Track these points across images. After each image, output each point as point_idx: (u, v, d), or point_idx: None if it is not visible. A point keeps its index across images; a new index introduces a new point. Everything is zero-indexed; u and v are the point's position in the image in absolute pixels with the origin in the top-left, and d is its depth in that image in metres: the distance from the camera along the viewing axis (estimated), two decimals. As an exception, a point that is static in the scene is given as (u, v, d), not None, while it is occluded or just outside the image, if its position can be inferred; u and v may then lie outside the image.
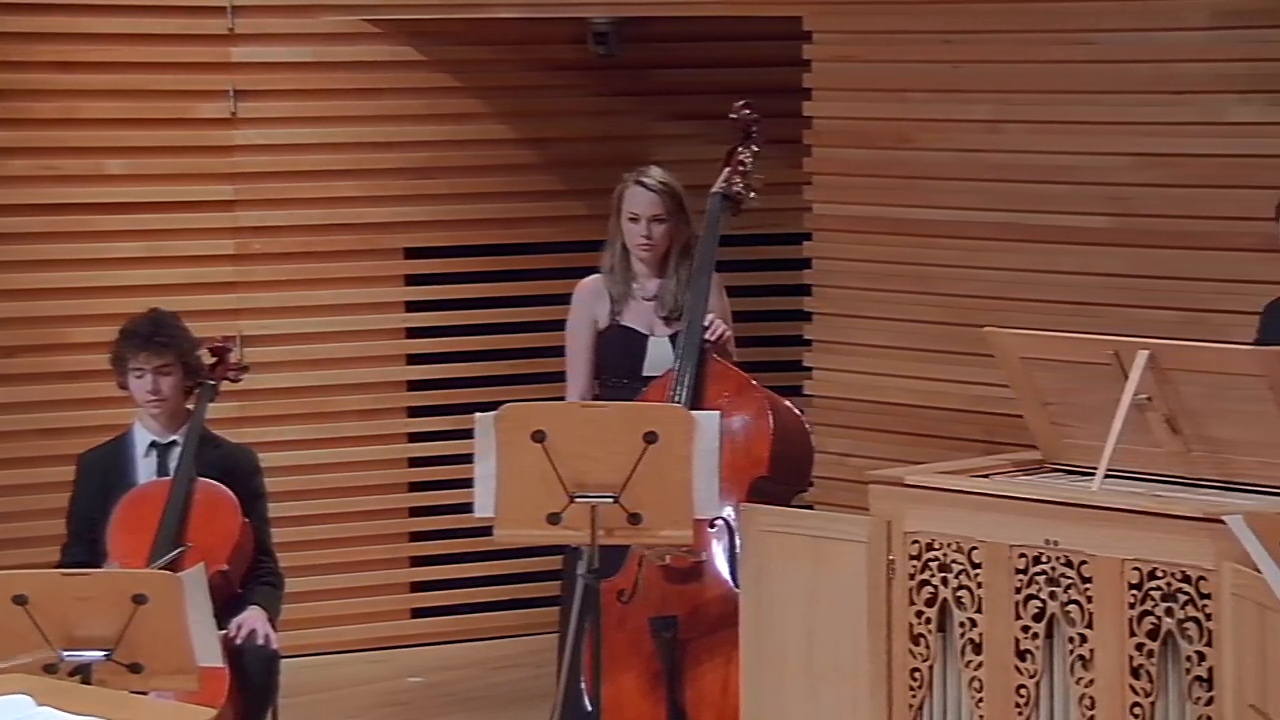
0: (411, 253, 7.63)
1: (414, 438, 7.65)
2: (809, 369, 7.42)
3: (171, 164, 7.34)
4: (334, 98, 7.50)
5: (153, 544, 5.54)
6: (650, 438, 5.05)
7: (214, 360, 5.82)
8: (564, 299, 6.03)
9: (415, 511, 7.66)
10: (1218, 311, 6.35)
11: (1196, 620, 4.70)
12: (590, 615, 5.28)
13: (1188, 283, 6.52)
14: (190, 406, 5.75)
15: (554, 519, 5.09)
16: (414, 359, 7.66)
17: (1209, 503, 4.83)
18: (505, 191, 7.69)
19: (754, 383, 5.72)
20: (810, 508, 5.99)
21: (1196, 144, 6.51)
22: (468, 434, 5.19)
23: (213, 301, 7.30)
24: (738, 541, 5.48)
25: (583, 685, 5.51)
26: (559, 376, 6.04)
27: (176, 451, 5.70)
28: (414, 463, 7.65)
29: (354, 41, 7.50)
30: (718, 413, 5.18)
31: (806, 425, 5.85)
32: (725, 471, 5.24)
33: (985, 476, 5.20)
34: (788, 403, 5.80)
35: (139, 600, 4.61)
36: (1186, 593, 4.72)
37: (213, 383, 5.78)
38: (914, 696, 5.12)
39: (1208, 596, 4.68)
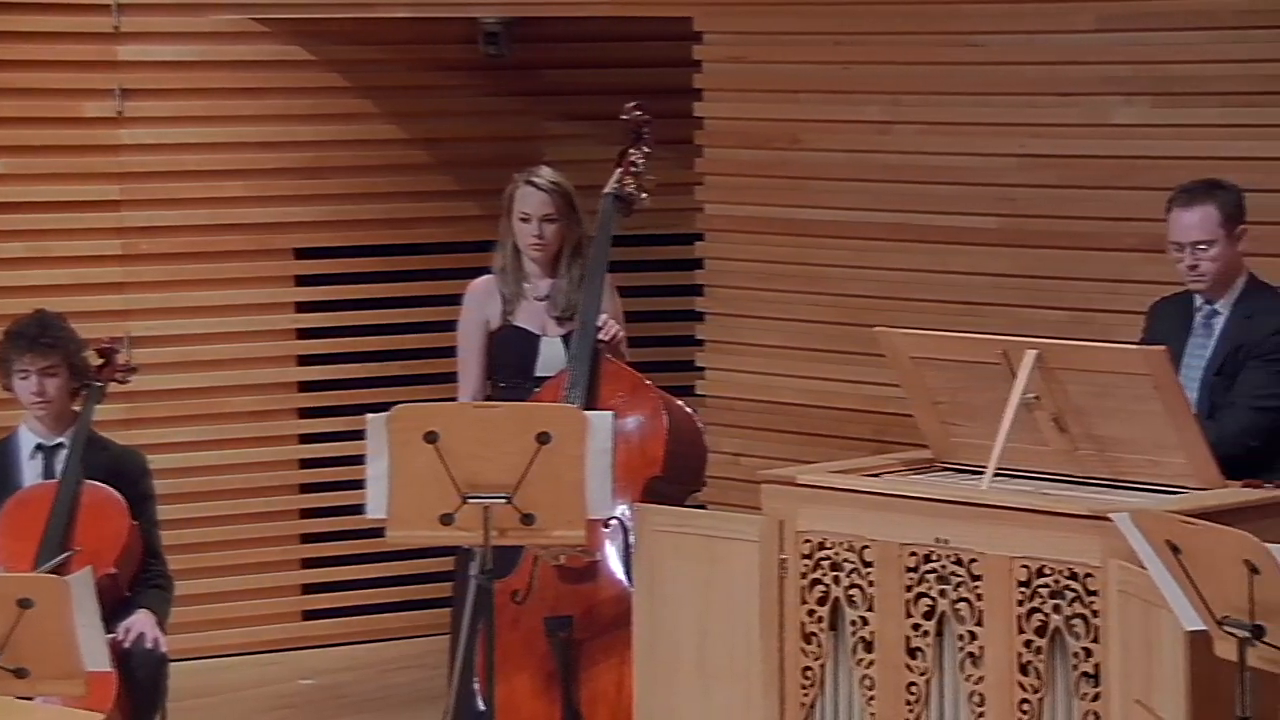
0: (301, 253, 7.59)
1: (305, 439, 7.61)
2: (701, 369, 7.44)
3: (57, 163, 7.25)
4: (222, 97, 7.44)
5: (39, 548, 5.48)
6: (543, 438, 5.04)
7: (101, 362, 5.76)
8: (455, 299, 6.01)
9: (307, 513, 7.61)
10: (1104, 311, 6.42)
11: (1084, 617, 4.75)
12: (483, 616, 5.27)
13: (1074, 283, 6.58)
14: (77, 408, 5.69)
15: (447, 520, 5.07)
16: (305, 360, 7.61)
17: (1096, 501, 4.89)
18: (396, 192, 7.66)
19: (648, 383, 5.73)
20: (703, 507, 6.01)
21: (1082, 145, 6.57)
22: (359, 435, 5.16)
23: (100, 302, 7.22)
24: (632, 541, 5.48)
25: (476, 686, 5.50)
26: (451, 377, 6.02)
27: (63, 454, 5.63)
28: (305, 464, 7.60)
29: (241, 40, 7.44)
30: (611, 413, 5.18)
31: (700, 425, 5.87)
32: (619, 471, 5.25)
33: (876, 476, 5.23)
34: (681, 403, 5.81)
35: (24, 604, 4.55)
36: (1074, 590, 4.77)
37: (100, 384, 5.73)
38: (806, 695, 5.14)
39: (1095, 593, 4.73)
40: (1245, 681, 4.17)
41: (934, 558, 4.96)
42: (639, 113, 5.95)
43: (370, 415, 5.13)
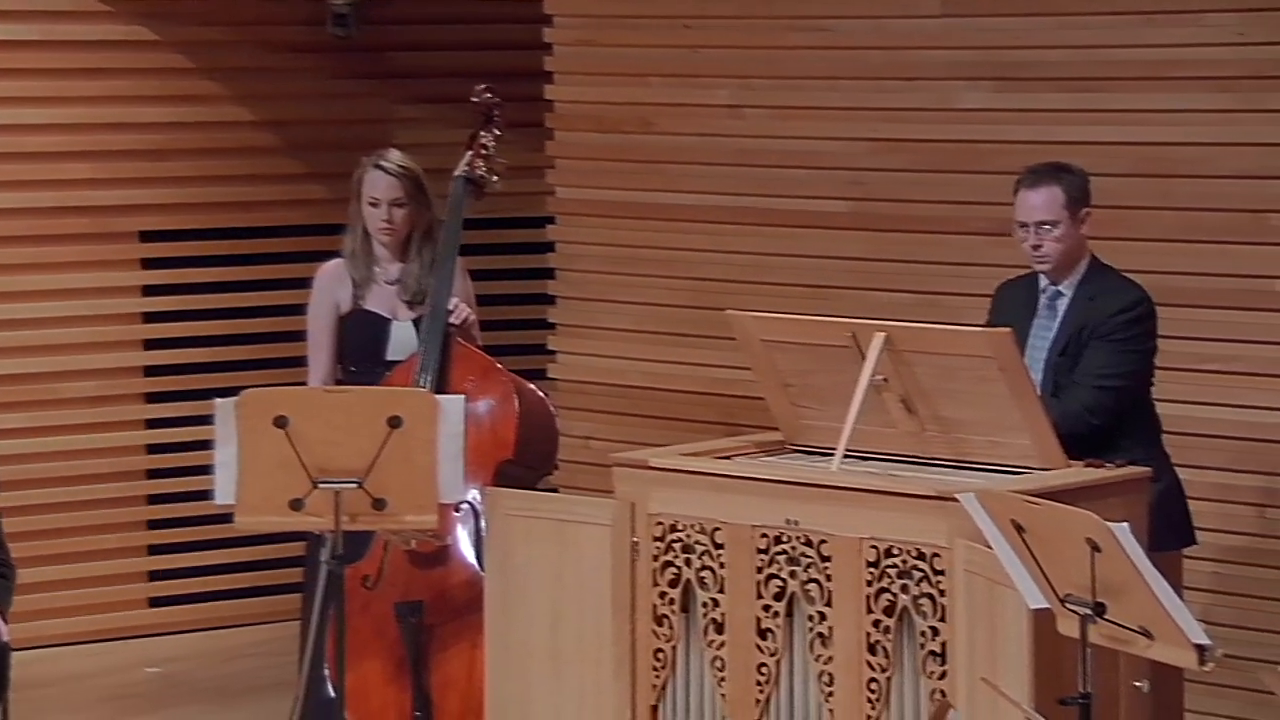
0: (147, 236, 7.50)
1: (152, 424, 7.52)
2: (553, 352, 7.44)
3: (-108, 145, 7.13)
4: (64, 78, 7.32)
5: (-123, 537, 5.38)
6: (394, 422, 5.02)
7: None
8: (305, 283, 5.97)
9: (154, 499, 7.53)
10: (952, 294, 6.49)
11: (931, 596, 4.81)
12: (334, 602, 5.24)
13: (922, 266, 6.65)
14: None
15: (296, 505, 5.04)
16: (151, 344, 7.53)
17: (942, 481, 4.95)
18: (243, 174, 7.59)
19: (499, 366, 5.72)
20: (555, 491, 6.02)
21: (929, 130, 6.64)
22: (207, 420, 5.11)
23: (-62, 287, 7.11)
24: (483, 525, 5.48)
25: (326, 672, 5.47)
26: (301, 361, 5.98)
27: (-98, 441, 5.53)
28: (152, 449, 7.52)
29: (84, 20, 7.33)
30: (463, 397, 5.17)
31: (551, 409, 5.87)
32: (471, 455, 5.24)
33: (728, 458, 5.26)
34: (533, 386, 5.81)
35: None
36: (921, 570, 4.82)
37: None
38: (657, 677, 5.17)
39: (941, 573, 4.79)
40: (1087, 658, 4.25)
41: (784, 539, 5.00)
42: (489, 95, 5.93)
43: (218, 400, 5.09)
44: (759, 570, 5.03)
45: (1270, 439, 5.94)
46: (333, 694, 5.40)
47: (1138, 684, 4.78)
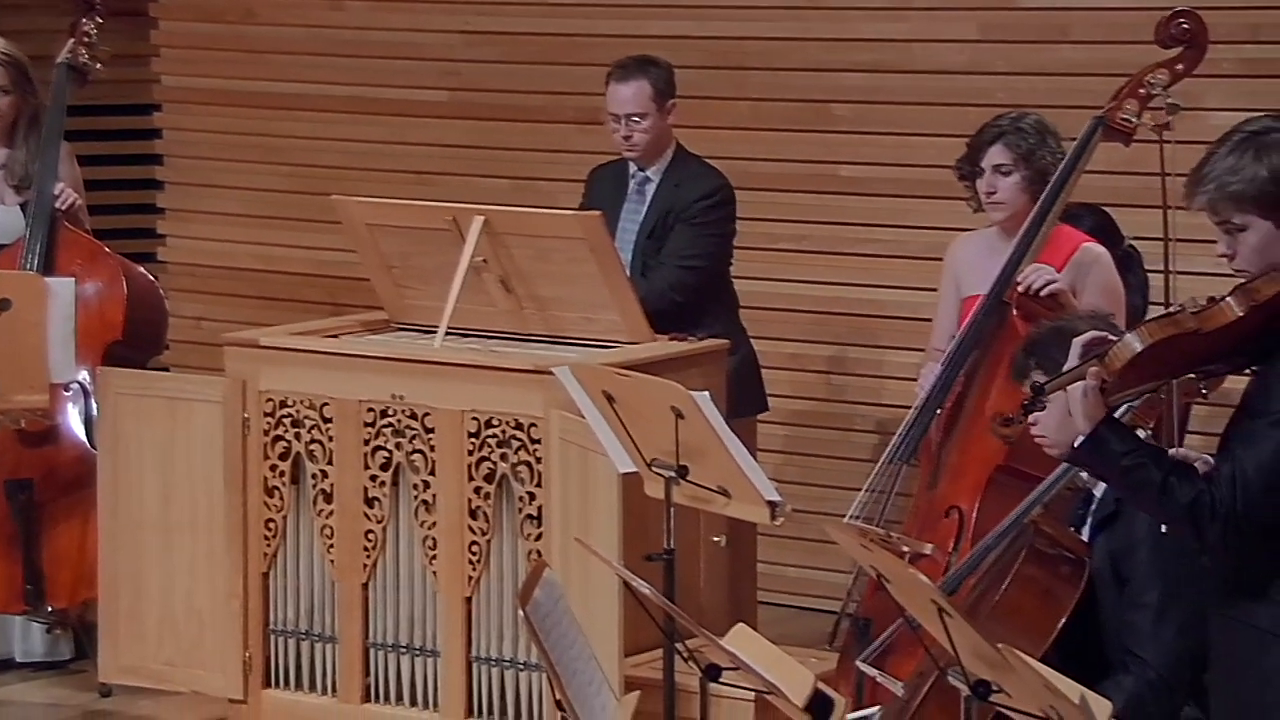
0: None
1: None
2: (162, 236, 7.50)
3: None
4: None
5: None
6: (2, 305, 5.07)
7: None
8: (-96, 168, 5.91)
9: None
10: (546, 180, 6.75)
11: (528, 464, 5.08)
12: (-60, 483, 5.27)
13: (518, 153, 6.89)
14: None
15: (-97, 389, 5.05)
16: None
17: (539, 356, 5.21)
18: None
19: (106, 250, 5.80)
20: (166, 370, 6.11)
21: (522, 22, 6.86)
22: None
23: None
24: (94, 405, 5.57)
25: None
26: (-98, 247, 5.94)
27: None
28: None
29: None
30: (73, 279, 5.24)
31: (159, 291, 5.97)
32: (80, 337, 5.31)
33: (335, 337, 5.45)
34: (141, 269, 5.90)
35: None
36: (520, 439, 5.09)
37: None
38: (269, 546, 5.35)
39: (538, 442, 5.06)
40: (671, 517, 4.54)
41: (390, 413, 5.21)
42: (92, -17, 5.96)
43: None
44: (366, 442, 5.23)
45: (835, 311, 6.36)
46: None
47: (716, 539, 5.13)
